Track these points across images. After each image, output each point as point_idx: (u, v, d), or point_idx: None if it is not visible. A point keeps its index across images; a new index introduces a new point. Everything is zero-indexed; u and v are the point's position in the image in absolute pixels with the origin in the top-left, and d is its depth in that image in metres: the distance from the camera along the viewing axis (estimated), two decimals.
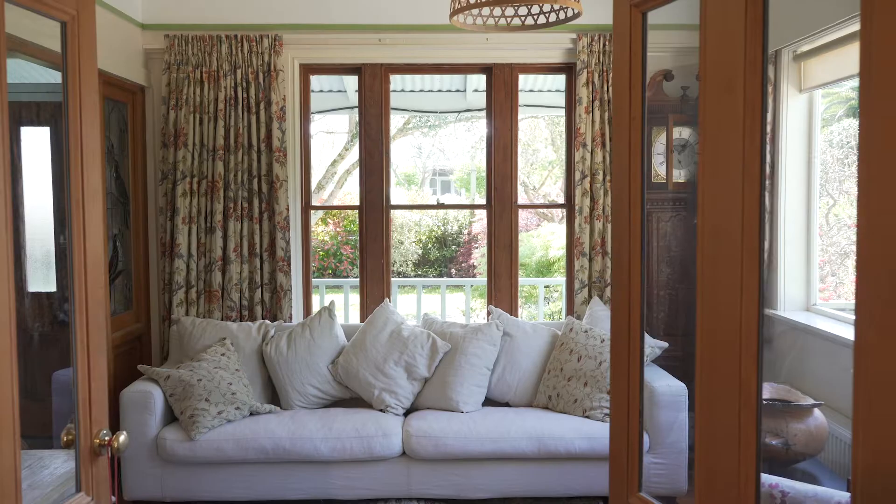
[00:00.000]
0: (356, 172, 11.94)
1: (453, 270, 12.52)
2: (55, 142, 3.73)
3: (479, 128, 12.86)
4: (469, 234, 12.58)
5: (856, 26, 3.09)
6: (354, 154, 11.24)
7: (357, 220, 12.09)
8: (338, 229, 11.93)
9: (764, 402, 3.31)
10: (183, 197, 4.32)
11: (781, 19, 3.53)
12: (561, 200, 12.07)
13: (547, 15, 2.88)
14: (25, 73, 3.03)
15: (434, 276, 11.99)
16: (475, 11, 2.90)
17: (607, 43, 4.35)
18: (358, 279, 4.77)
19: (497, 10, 2.91)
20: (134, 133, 4.39)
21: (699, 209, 1.34)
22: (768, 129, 3.91)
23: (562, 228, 10.55)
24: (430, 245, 12.66)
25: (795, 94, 3.77)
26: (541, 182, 12.81)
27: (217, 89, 4.32)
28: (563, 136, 12.45)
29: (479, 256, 11.89)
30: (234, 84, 4.33)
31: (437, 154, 14.31)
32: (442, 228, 12.74)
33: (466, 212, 12.29)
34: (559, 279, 8.75)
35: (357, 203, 4.73)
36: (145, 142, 4.46)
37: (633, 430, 1.56)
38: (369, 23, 4.43)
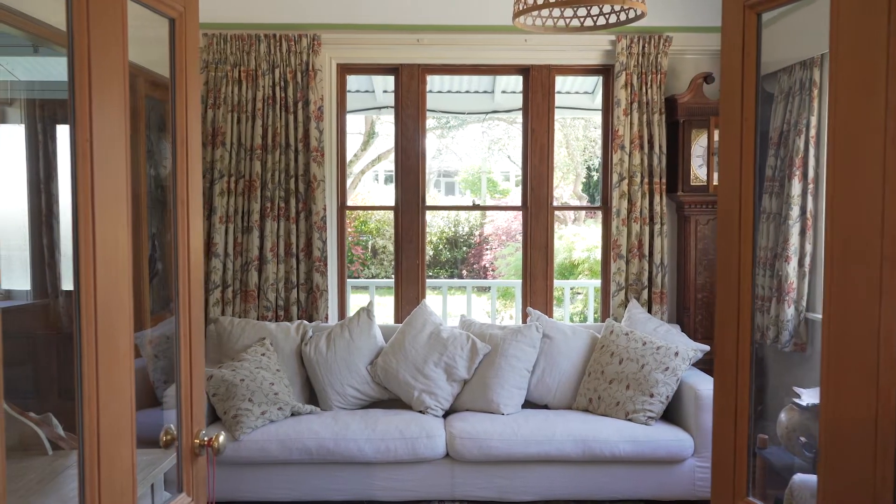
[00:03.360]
0: (370, 173, 11.93)
1: (464, 272, 12.49)
2: None
3: (496, 129, 12.82)
4: (480, 235, 12.54)
5: None
6: (370, 155, 11.21)
7: (368, 221, 11.98)
8: (349, 230, 11.89)
9: (811, 405, 3.29)
10: (220, 196, 4.30)
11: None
12: (574, 203, 12.07)
13: (607, 16, 2.86)
14: (54, 69, 3.00)
15: (445, 277, 11.96)
16: (535, 12, 2.89)
17: (646, 45, 4.33)
18: (382, 280, 4.75)
19: (556, 11, 2.89)
20: None
21: (827, 216, 1.33)
22: (812, 132, 3.90)
23: (581, 230, 10.53)
24: (440, 246, 12.63)
25: None
26: (555, 184, 12.79)
27: (255, 88, 4.30)
28: (580, 138, 12.36)
29: (490, 259, 11.86)
30: (272, 83, 4.32)
31: (449, 155, 14.26)
32: (453, 230, 12.70)
33: (477, 213, 12.24)
34: (584, 281, 8.73)
35: (381, 203, 4.72)
36: None
37: (742, 433, 1.55)
38: (407, 23, 4.41)
